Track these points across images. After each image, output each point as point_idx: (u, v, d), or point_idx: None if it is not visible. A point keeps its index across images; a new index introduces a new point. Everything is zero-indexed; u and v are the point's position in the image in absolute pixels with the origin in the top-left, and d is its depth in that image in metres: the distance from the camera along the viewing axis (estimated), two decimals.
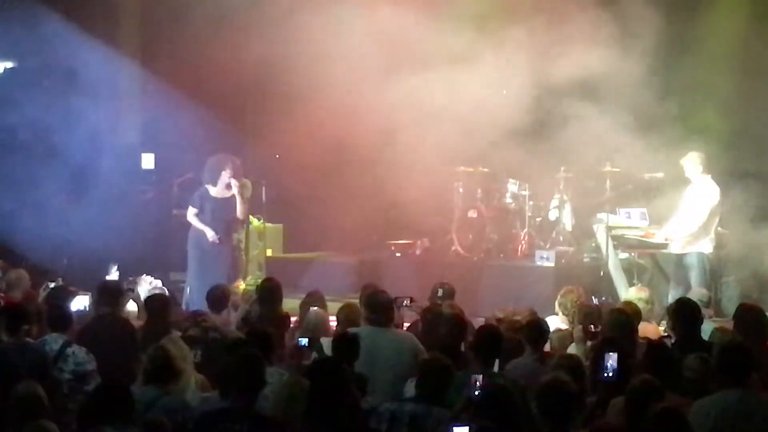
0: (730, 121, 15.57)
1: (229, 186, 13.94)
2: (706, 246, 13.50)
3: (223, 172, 13.93)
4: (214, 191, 14.05)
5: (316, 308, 10.24)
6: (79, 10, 16.35)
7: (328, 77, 15.63)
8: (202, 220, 13.97)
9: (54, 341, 8.80)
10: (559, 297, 10.86)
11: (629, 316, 9.34)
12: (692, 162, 13.50)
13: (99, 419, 6.58)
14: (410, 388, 7.65)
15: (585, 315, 9.69)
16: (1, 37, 16.32)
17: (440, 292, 11.10)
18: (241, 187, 16.12)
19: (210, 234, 13.85)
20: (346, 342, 8.32)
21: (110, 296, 9.86)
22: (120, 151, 16.59)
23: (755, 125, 15.83)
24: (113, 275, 12.51)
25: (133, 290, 11.38)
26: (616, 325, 9.02)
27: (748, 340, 8.49)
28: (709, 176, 13.51)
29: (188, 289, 13.97)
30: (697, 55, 15.62)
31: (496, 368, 8.12)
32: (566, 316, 10.54)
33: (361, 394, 7.56)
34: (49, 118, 16.00)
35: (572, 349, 9.12)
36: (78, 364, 8.66)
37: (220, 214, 13.94)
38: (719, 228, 13.84)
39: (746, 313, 9.25)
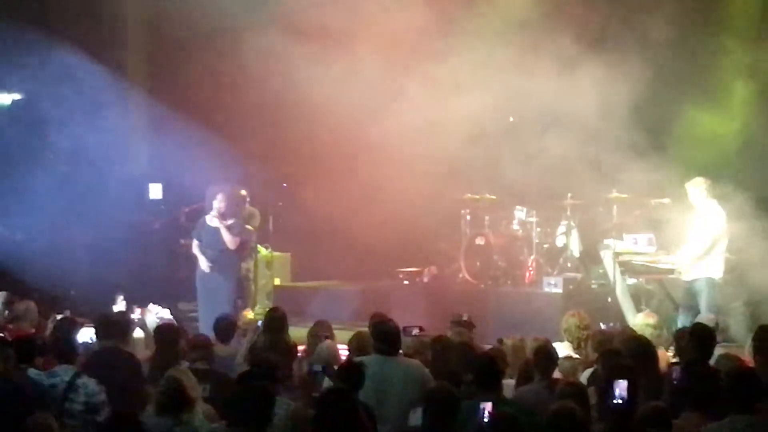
0: (739, 146, 15.58)
1: (220, 215, 13.92)
2: (715, 271, 13.44)
3: (214, 201, 13.94)
4: (209, 220, 14.10)
5: (328, 340, 10.25)
6: (88, 40, 16.45)
7: (337, 107, 15.68)
8: (201, 250, 14.05)
9: (65, 372, 8.79)
10: (563, 322, 10.86)
11: (649, 342, 9.28)
12: (697, 187, 13.48)
13: None
14: (413, 418, 7.62)
15: (599, 342, 9.68)
16: (11, 69, 16.42)
17: (465, 316, 11.16)
18: (249, 216, 16.21)
19: (203, 263, 13.91)
20: (351, 370, 8.32)
21: (112, 329, 9.83)
22: (128, 181, 16.64)
23: (764, 150, 15.84)
24: (120, 305, 12.51)
25: (139, 320, 11.37)
26: (634, 351, 8.95)
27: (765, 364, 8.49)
28: (715, 201, 13.48)
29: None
30: (707, 79, 15.64)
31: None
32: (570, 342, 10.53)
33: (372, 425, 7.57)
34: (56, 149, 16.08)
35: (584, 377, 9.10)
36: (89, 395, 8.63)
37: (214, 242, 13.95)
38: (726, 253, 13.80)
39: (764, 336, 9.05)
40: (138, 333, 10.97)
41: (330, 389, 7.95)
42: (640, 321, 11.20)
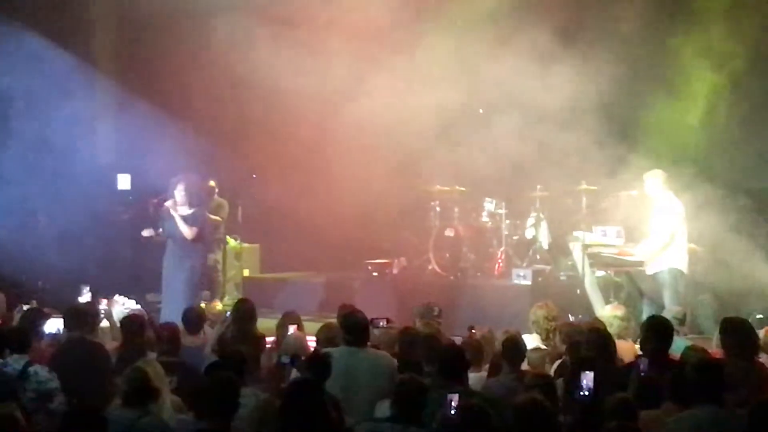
0: (707, 138, 15.64)
1: (177, 204, 13.73)
2: (678, 261, 13.50)
3: (176, 191, 13.73)
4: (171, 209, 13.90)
5: (294, 328, 10.24)
6: (55, 28, 16.31)
7: (307, 98, 15.65)
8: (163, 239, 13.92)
9: (15, 362, 8.77)
10: (531, 314, 10.90)
11: (608, 334, 9.33)
12: (654, 179, 13.54)
13: None
14: (381, 409, 7.61)
15: (566, 334, 9.70)
16: None
17: (436, 311, 11.16)
18: (217, 207, 16.13)
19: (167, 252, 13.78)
20: (317, 361, 8.32)
21: (79, 320, 9.81)
22: (96, 172, 16.53)
23: (732, 142, 15.92)
24: (85, 296, 12.44)
25: (105, 311, 11.30)
26: (595, 343, 8.99)
27: (735, 355, 8.51)
28: (671, 193, 13.54)
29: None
30: (675, 71, 15.69)
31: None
32: (539, 333, 10.56)
33: (338, 416, 7.56)
34: (22, 138, 15.95)
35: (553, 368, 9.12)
36: (40, 383, 8.63)
37: (174, 232, 13.79)
38: (692, 244, 13.86)
39: (733, 327, 8.97)
40: (104, 324, 10.92)
41: (297, 380, 7.95)
42: (607, 313, 11.23)
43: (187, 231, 13.47)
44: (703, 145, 15.55)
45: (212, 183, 16.34)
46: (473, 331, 10.35)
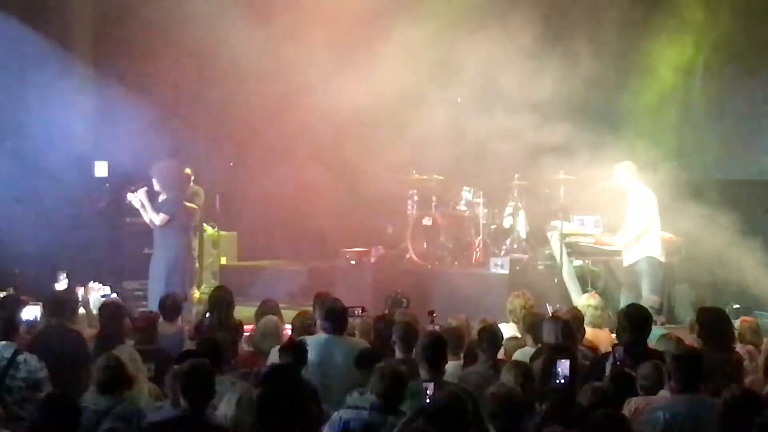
0: (683, 130, 15.70)
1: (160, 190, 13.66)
2: (653, 250, 13.55)
3: (153, 179, 13.66)
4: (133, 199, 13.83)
5: (269, 316, 10.23)
6: (31, 12, 16.18)
7: (285, 86, 15.61)
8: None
9: (5, 349, 8.72)
10: (508, 303, 10.91)
11: (566, 322, 9.29)
12: (623, 170, 13.59)
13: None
14: (351, 400, 7.59)
15: (530, 324, 9.74)
16: None
17: (405, 302, 11.16)
18: (193, 195, 16.07)
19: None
20: (292, 348, 8.32)
21: (60, 307, 9.79)
22: (73, 159, 16.44)
23: (708, 135, 15.98)
24: (62, 283, 12.38)
25: (82, 298, 11.27)
26: (554, 332, 8.95)
27: (712, 345, 8.54)
28: (641, 183, 13.58)
29: None
30: (648, 66, 15.74)
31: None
32: (516, 322, 10.57)
33: (316, 404, 7.56)
34: None
35: (518, 355, 9.11)
36: (30, 372, 8.59)
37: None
38: (670, 235, 13.90)
39: (710, 317, 9.03)
40: (80, 311, 10.87)
41: (274, 366, 7.95)
42: (581, 302, 11.27)
43: (154, 218, 13.39)
44: (680, 137, 15.61)
45: (188, 170, 16.26)
46: (434, 315, 10.28)
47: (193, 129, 17.63)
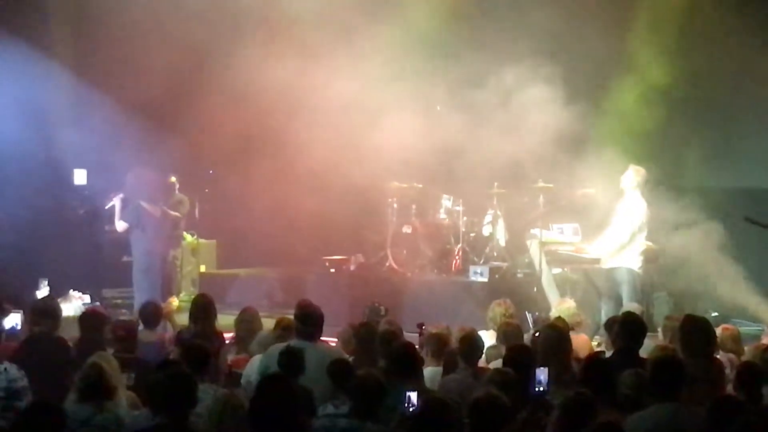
0: (661, 136, 15.76)
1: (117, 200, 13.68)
2: (634, 261, 13.59)
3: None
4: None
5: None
6: (10, 17, 16.12)
7: (264, 95, 15.60)
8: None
9: None
10: (489, 311, 10.95)
11: (562, 331, 9.35)
12: (630, 175, 13.60)
13: None
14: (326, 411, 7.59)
15: (504, 333, 9.78)
16: None
17: (383, 311, 11.17)
18: (177, 203, 16.06)
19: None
20: (290, 356, 8.29)
21: (44, 315, 9.75)
22: (52, 166, 16.39)
23: (685, 140, 16.05)
24: (43, 291, 12.36)
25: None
26: (549, 342, 8.99)
27: (693, 352, 8.57)
28: (639, 192, 13.62)
29: None
30: (628, 74, 15.80)
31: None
32: (495, 330, 10.59)
33: (310, 411, 7.57)
34: None
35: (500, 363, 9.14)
36: (11, 381, 8.54)
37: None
38: (649, 243, 13.95)
39: (693, 325, 9.00)
40: None
41: (269, 375, 7.91)
42: (558, 308, 11.36)
43: (117, 225, 13.41)
44: (657, 145, 15.66)
45: (173, 179, 16.27)
46: (423, 328, 10.32)
47: (172, 136, 17.58)
